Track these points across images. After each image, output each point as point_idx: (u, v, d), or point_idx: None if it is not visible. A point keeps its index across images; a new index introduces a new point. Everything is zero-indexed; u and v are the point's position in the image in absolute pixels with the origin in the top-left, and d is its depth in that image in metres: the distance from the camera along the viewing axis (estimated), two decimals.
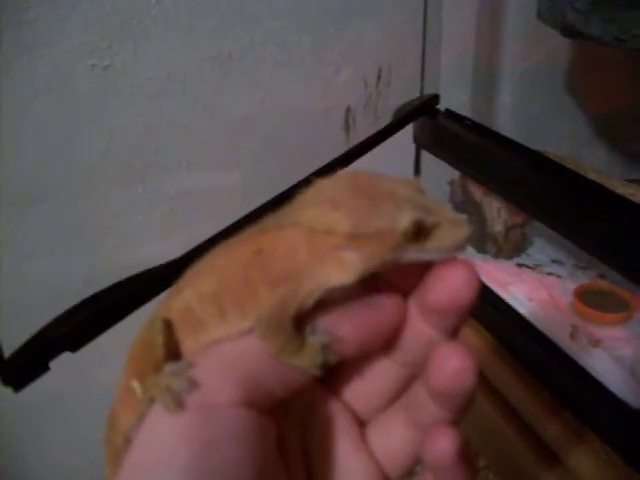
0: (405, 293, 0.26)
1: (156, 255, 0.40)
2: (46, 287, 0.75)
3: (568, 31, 0.66)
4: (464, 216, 0.24)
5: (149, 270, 0.36)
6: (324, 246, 0.24)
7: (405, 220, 0.23)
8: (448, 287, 0.24)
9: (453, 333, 0.26)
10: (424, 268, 0.25)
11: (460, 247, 0.24)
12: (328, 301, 0.25)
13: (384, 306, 0.26)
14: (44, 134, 0.71)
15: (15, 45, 0.66)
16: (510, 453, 0.58)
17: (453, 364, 0.24)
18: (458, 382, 0.24)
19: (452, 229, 0.24)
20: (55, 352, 0.31)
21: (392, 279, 0.26)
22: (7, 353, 0.30)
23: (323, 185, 0.26)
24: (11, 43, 0.66)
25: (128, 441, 0.26)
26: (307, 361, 0.25)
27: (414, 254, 0.24)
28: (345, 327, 0.25)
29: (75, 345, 0.32)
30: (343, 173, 0.26)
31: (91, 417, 0.84)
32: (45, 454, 0.87)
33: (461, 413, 0.26)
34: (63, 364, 0.33)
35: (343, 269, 0.24)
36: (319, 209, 0.24)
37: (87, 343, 0.32)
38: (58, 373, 0.34)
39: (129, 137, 0.75)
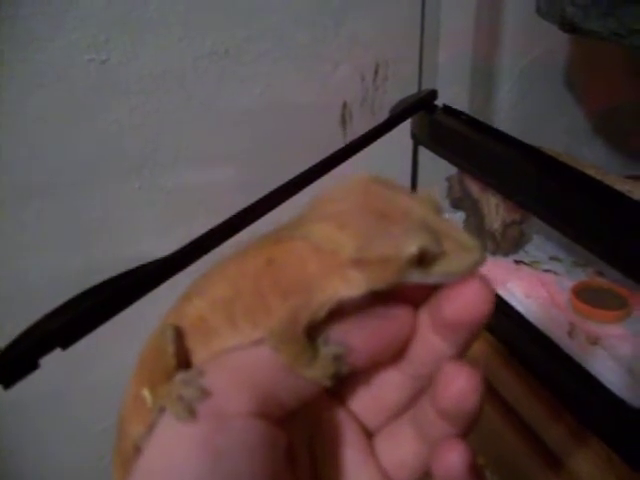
0: (418, 302, 0.26)
1: (153, 250, 0.40)
2: (41, 283, 0.75)
3: (567, 26, 0.65)
4: (476, 242, 0.24)
5: (142, 266, 0.36)
6: (331, 263, 0.24)
7: (411, 248, 0.22)
8: (462, 302, 0.24)
9: (465, 347, 0.26)
10: None
11: (467, 273, 0.24)
12: (339, 312, 0.25)
13: (396, 317, 0.26)
14: (40, 129, 0.71)
15: (10, 40, 0.66)
16: (508, 452, 0.58)
17: (459, 384, 0.24)
18: (463, 402, 0.24)
19: (461, 255, 0.23)
20: (45, 349, 0.30)
21: (403, 290, 0.25)
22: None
23: (335, 194, 0.25)
24: (6, 38, 0.65)
25: (138, 450, 0.26)
26: (319, 372, 0.24)
27: (419, 278, 0.24)
28: (357, 338, 0.25)
29: (66, 342, 0.31)
30: (357, 180, 0.25)
31: (88, 412, 0.84)
32: (43, 449, 0.87)
33: (468, 429, 0.25)
34: (60, 360, 0.33)
35: (349, 285, 0.24)
36: (327, 226, 0.24)
37: (79, 340, 0.32)
38: (55, 369, 0.34)
39: (126, 132, 0.75)
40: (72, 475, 0.89)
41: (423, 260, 0.23)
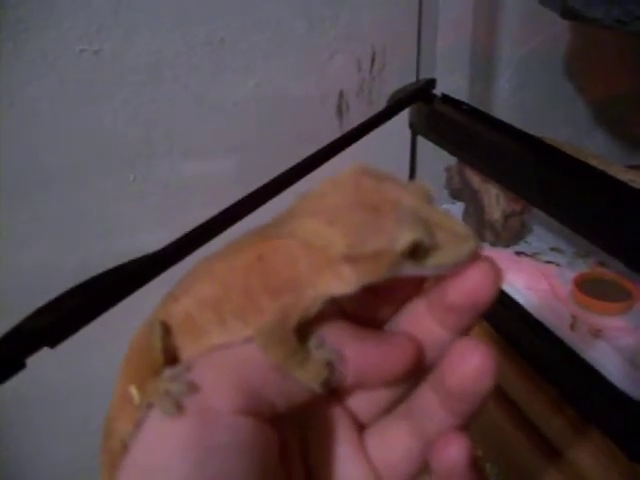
0: (414, 290, 0.26)
1: (148, 244, 0.39)
2: (35, 277, 0.74)
3: (568, 13, 0.64)
4: (469, 231, 0.23)
5: (132, 261, 0.35)
6: (321, 259, 0.23)
7: (403, 241, 0.22)
8: (468, 285, 0.23)
9: (464, 333, 0.25)
10: None
11: (462, 264, 0.23)
12: (331, 313, 0.25)
13: (397, 346, 0.25)
14: (32, 122, 0.70)
15: (0, 31, 0.65)
16: (509, 445, 0.58)
17: (473, 362, 0.23)
18: (476, 382, 0.23)
19: (455, 245, 0.23)
20: (32, 348, 0.29)
21: (397, 282, 0.25)
22: None
23: (325, 188, 0.25)
24: None
25: (125, 447, 0.26)
26: (311, 375, 0.24)
27: (413, 270, 0.23)
28: (352, 349, 0.25)
29: (54, 340, 0.30)
30: (348, 173, 0.25)
31: (83, 410, 0.84)
32: (38, 447, 0.86)
33: (469, 419, 0.25)
34: (54, 357, 0.32)
35: (341, 281, 0.23)
36: (316, 222, 0.23)
37: (67, 338, 0.31)
38: (50, 364, 0.33)
39: (119, 124, 0.74)
40: (67, 473, 0.89)
41: (416, 252, 0.22)
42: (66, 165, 0.73)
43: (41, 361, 0.31)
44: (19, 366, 0.29)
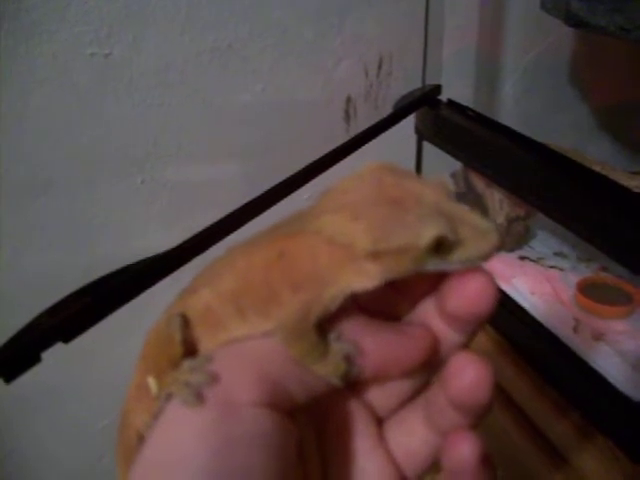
0: (432, 286, 0.26)
1: (155, 246, 0.40)
2: (44, 279, 0.75)
3: (572, 21, 0.65)
4: (492, 225, 0.23)
5: (143, 260, 0.36)
6: (344, 255, 0.23)
7: (428, 236, 0.22)
8: (465, 297, 0.24)
9: (472, 334, 0.26)
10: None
11: (485, 258, 0.23)
12: (351, 309, 0.25)
13: (414, 337, 0.25)
14: (42, 125, 0.71)
15: (13, 34, 0.65)
16: (512, 448, 0.58)
17: (469, 376, 0.24)
18: (474, 394, 0.24)
19: (478, 240, 0.23)
20: (47, 343, 0.30)
21: (417, 278, 0.25)
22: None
23: (347, 184, 0.25)
24: (9, 32, 0.65)
25: (141, 439, 0.26)
26: (330, 368, 0.24)
27: (437, 266, 0.23)
28: (370, 342, 0.25)
29: (68, 336, 0.31)
30: (368, 169, 0.25)
31: (87, 410, 0.84)
32: (41, 448, 0.86)
33: (479, 419, 0.25)
34: (58, 357, 0.33)
35: (364, 277, 0.24)
36: (340, 218, 0.23)
37: (80, 334, 0.32)
38: (53, 365, 0.34)
39: (128, 128, 0.74)
40: (71, 475, 0.89)
41: (440, 247, 0.23)
42: (74, 168, 0.74)
43: (44, 363, 0.32)
44: (35, 360, 0.30)
